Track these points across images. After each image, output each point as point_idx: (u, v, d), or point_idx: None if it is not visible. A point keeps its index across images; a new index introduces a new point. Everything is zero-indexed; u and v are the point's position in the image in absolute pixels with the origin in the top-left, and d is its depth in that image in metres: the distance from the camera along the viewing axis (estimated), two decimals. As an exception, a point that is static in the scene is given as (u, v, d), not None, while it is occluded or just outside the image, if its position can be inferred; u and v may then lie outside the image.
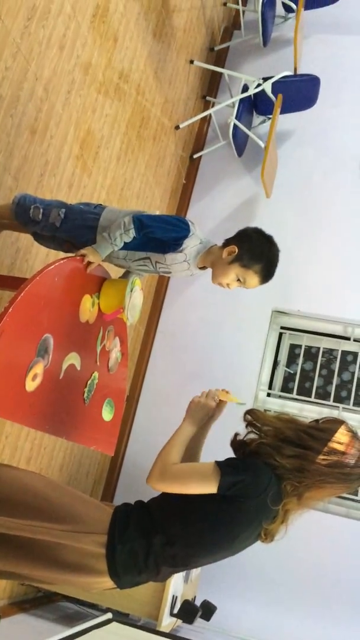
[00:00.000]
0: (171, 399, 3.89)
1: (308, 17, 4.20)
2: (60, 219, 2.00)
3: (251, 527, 1.57)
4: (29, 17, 2.28)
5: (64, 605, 3.17)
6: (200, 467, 1.58)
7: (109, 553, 1.53)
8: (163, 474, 1.57)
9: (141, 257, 2.01)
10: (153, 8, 3.42)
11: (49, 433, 1.80)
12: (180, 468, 1.59)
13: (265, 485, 1.53)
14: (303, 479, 1.56)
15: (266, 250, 1.96)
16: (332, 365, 3.96)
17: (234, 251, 1.94)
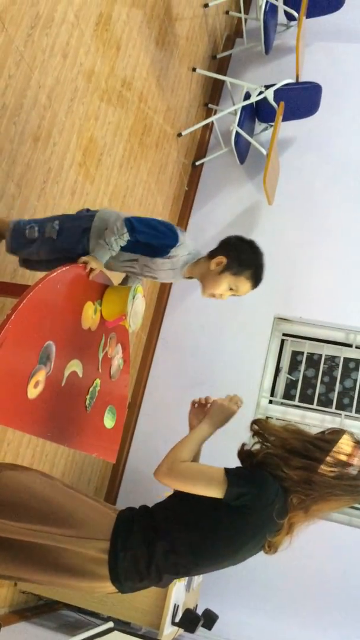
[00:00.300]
0: (173, 406, 3.88)
1: (310, 25, 4.22)
2: (55, 231, 2.00)
3: (255, 539, 1.57)
4: (33, 25, 2.29)
5: (65, 614, 3.15)
6: (209, 471, 1.57)
7: (111, 559, 1.52)
8: (171, 469, 1.57)
9: (129, 258, 2.01)
10: (156, 16, 3.44)
11: (50, 440, 1.80)
12: (189, 467, 1.59)
13: (272, 499, 1.52)
14: (310, 491, 1.54)
15: (252, 256, 2.00)
16: (334, 372, 3.95)
17: (223, 261, 1.96)
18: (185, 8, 3.84)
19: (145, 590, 1.66)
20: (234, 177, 4.26)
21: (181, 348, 3.99)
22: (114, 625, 2.79)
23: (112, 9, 2.91)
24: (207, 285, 2.01)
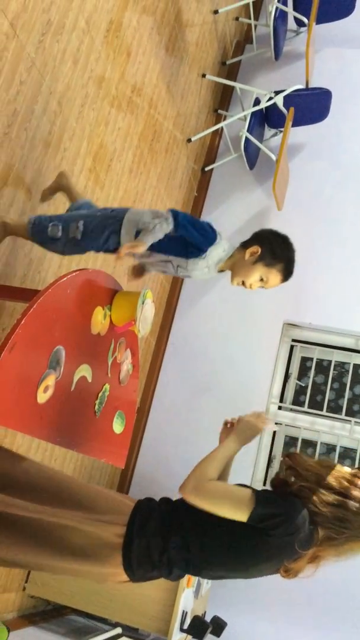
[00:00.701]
0: (182, 411, 3.88)
1: (320, 31, 4.22)
2: (80, 232, 2.00)
3: (270, 562, 1.54)
4: (44, 32, 2.31)
5: (74, 619, 3.14)
6: (237, 492, 1.54)
7: (125, 545, 1.54)
8: (197, 488, 1.54)
9: (163, 259, 2.02)
10: (166, 23, 3.45)
11: (59, 445, 1.80)
12: (216, 487, 1.55)
13: (297, 528, 1.49)
14: (343, 530, 1.51)
15: (285, 250, 2.03)
16: (344, 379, 3.93)
17: (257, 252, 1.99)
18: (195, 14, 3.86)
19: (154, 596, 1.66)
20: (244, 182, 4.27)
21: (190, 353, 3.99)
22: (122, 631, 2.79)
23: (123, 16, 2.92)
24: (238, 273, 2.03)
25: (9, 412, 1.50)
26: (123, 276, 2.65)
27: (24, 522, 1.55)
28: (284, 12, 4.21)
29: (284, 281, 2.05)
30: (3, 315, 2.35)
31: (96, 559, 1.54)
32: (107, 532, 1.55)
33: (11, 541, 1.56)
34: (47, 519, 1.55)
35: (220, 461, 1.61)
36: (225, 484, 1.58)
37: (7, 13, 2.08)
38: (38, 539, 1.54)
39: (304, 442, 3.84)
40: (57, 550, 1.54)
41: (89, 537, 1.54)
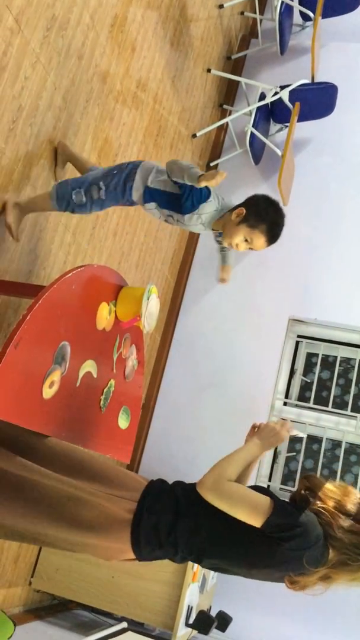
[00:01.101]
0: (187, 407, 3.89)
1: (325, 25, 4.20)
2: (103, 192, 2.17)
3: (274, 569, 1.53)
4: (49, 27, 2.30)
5: (79, 613, 3.16)
6: (255, 497, 1.52)
7: (135, 521, 1.54)
8: (216, 486, 1.52)
9: (166, 214, 2.21)
10: (171, 17, 3.44)
11: (65, 440, 1.80)
12: (235, 488, 1.53)
13: (309, 545, 1.47)
14: (359, 557, 1.48)
15: (271, 212, 2.11)
16: (349, 375, 3.92)
17: (242, 213, 2.09)
18: (200, 9, 3.84)
19: (159, 591, 1.66)
20: (249, 178, 4.25)
21: (195, 349, 3.99)
22: (128, 626, 2.80)
23: (127, 11, 2.91)
24: (226, 234, 2.15)
25: (14, 408, 1.51)
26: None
27: (39, 488, 1.56)
28: (290, 6, 4.18)
29: (269, 244, 2.13)
30: (8, 311, 2.35)
31: (105, 533, 1.54)
32: (118, 506, 1.56)
33: (20, 505, 1.56)
34: (60, 487, 1.56)
35: (240, 463, 1.60)
36: (245, 488, 1.55)
37: (12, 8, 2.07)
38: (51, 507, 1.55)
39: (310, 438, 3.84)
40: (67, 520, 1.54)
41: (100, 510, 1.55)
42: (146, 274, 3.70)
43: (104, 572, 2.85)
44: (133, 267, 3.50)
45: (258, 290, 4.01)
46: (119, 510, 1.56)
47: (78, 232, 2.79)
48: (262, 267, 4.03)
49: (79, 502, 1.55)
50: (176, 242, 4.09)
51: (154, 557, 1.60)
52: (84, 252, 2.88)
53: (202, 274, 4.17)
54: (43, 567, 2.91)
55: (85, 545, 1.59)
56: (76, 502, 1.55)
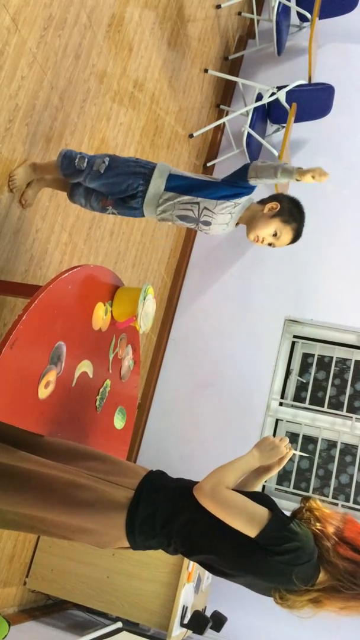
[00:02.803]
0: (183, 407, 3.89)
1: (322, 26, 4.20)
2: (104, 166, 2.14)
3: (260, 578, 1.52)
4: (46, 26, 2.30)
5: (74, 614, 3.16)
6: (253, 507, 1.50)
7: (131, 507, 1.54)
8: (214, 493, 1.51)
9: (190, 201, 2.13)
10: (168, 18, 3.44)
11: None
12: (233, 497, 1.52)
13: (300, 562, 1.45)
14: (354, 586, 1.45)
15: (300, 213, 2.18)
16: (345, 375, 3.93)
17: (276, 207, 2.12)
18: (197, 9, 3.84)
19: (154, 591, 1.66)
20: (246, 178, 4.25)
21: (191, 349, 3.99)
22: (123, 626, 2.80)
23: (125, 11, 2.91)
24: (255, 226, 2.15)
25: (10, 408, 1.51)
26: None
27: (35, 476, 1.57)
28: (287, 7, 4.19)
29: (293, 241, 2.18)
30: (4, 311, 2.35)
31: (102, 515, 1.54)
32: (117, 492, 1.57)
33: (19, 493, 1.56)
34: (61, 475, 1.57)
35: (239, 471, 1.60)
36: (243, 497, 1.53)
37: (9, 8, 2.07)
38: (52, 493, 1.55)
39: (305, 438, 3.84)
40: (64, 503, 1.55)
41: (98, 494, 1.56)
42: (142, 274, 3.70)
43: (99, 572, 2.85)
44: (129, 267, 3.50)
45: (254, 290, 4.01)
46: (118, 496, 1.56)
47: (74, 232, 2.79)
48: (259, 268, 4.04)
49: (79, 487, 1.56)
50: (172, 241, 4.09)
51: (147, 546, 1.60)
52: (80, 251, 2.88)
53: (199, 273, 4.17)
54: (38, 567, 2.91)
55: (82, 531, 1.58)
56: (76, 487, 1.56)
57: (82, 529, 1.58)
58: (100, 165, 2.14)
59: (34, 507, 1.57)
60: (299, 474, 3.78)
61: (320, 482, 3.78)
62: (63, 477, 1.57)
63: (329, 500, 3.63)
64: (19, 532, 2.75)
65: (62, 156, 2.19)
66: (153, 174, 2.13)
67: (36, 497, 1.56)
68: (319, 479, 3.78)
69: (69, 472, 1.59)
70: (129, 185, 2.12)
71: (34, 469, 1.58)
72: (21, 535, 2.81)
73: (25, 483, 1.56)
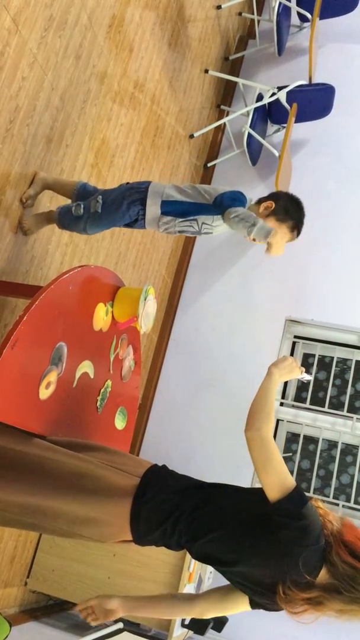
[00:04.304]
0: (184, 407, 3.89)
1: (323, 27, 4.20)
2: (100, 205, 2.18)
3: (263, 560, 1.49)
4: (46, 27, 2.30)
5: (75, 614, 3.16)
6: (287, 473, 1.50)
7: (138, 492, 1.54)
8: (262, 436, 1.50)
9: (189, 218, 2.19)
10: (168, 18, 3.44)
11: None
12: (277, 451, 1.50)
13: (306, 544, 1.44)
14: (352, 589, 1.44)
15: (298, 210, 2.18)
16: (346, 375, 3.93)
17: (271, 206, 2.13)
18: (197, 10, 3.84)
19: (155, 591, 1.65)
20: (246, 178, 4.26)
21: (192, 350, 3.99)
22: (124, 626, 2.80)
23: (125, 11, 2.91)
24: None
25: (11, 408, 1.51)
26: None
27: (41, 461, 1.57)
28: (287, 7, 4.19)
29: (291, 239, 2.19)
30: (5, 312, 2.35)
31: (107, 501, 1.54)
32: (124, 479, 1.57)
33: (22, 478, 1.56)
34: (67, 460, 1.57)
35: (273, 398, 1.61)
36: (281, 457, 1.53)
37: (10, 9, 2.07)
38: (53, 476, 1.55)
39: (306, 438, 3.84)
40: (69, 488, 1.54)
41: (104, 480, 1.56)
42: (143, 274, 3.70)
43: (100, 572, 2.85)
44: (130, 268, 3.50)
45: (255, 290, 4.02)
46: (123, 483, 1.56)
47: (75, 233, 2.79)
48: (259, 268, 4.04)
49: (85, 472, 1.56)
50: (173, 242, 4.09)
51: (150, 539, 1.58)
52: (81, 252, 2.88)
53: (199, 274, 4.17)
54: (39, 568, 2.91)
55: (84, 521, 1.56)
56: (82, 473, 1.56)
57: (85, 518, 1.56)
58: (95, 205, 2.19)
59: (39, 494, 1.55)
60: (300, 474, 3.78)
61: (321, 482, 3.78)
62: (70, 462, 1.58)
63: (329, 500, 3.63)
64: (20, 532, 2.75)
65: (58, 213, 2.26)
66: (147, 200, 2.16)
67: (42, 483, 1.55)
68: (319, 479, 3.78)
69: (76, 458, 1.59)
70: (129, 216, 2.20)
71: (40, 454, 1.58)
72: (22, 536, 2.81)
73: (31, 469, 1.56)
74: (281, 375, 1.68)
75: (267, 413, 1.55)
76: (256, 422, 1.52)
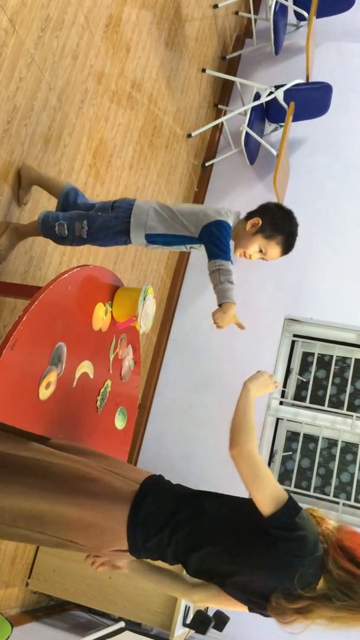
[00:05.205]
0: (183, 407, 3.89)
1: (320, 25, 4.21)
2: (85, 232, 2.10)
3: (261, 570, 1.47)
4: (43, 27, 2.30)
5: (77, 614, 3.16)
6: (277, 485, 1.48)
7: (137, 499, 1.53)
8: (248, 452, 1.49)
9: (176, 246, 2.16)
10: (165, 18, 3.44)
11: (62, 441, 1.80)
12: (264, 466, 1.49)
13: (303, 554, 1.42)
14: (346, 598, 1.40)
15: (287, 223, 2.09)
16: (345, 374, 3.93)
17: (258, 223, 2.06)
18: (194, 9, 3.84)
19: (156, 591, 1.65)
20: (244, 178, 4.26)
21: (191, 349, 3.99)
22: (125, 626, 2.80)
23: (122, 11, 2.91)
24: (239, 244, 2.10)
25: (11, 409, 1.51)
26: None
27: (41, 465, 1.57)
28: (284, 6, 4.19)
29: (283, 254, 2.12)
30: (4, 312, 2.35)
31: (105, 505, 1.53)
32: (123, 485, 1.57)
33: (21, 480, 1.56)
34: (67, 464, 1.57)
35: (253, 415, 1.60)
36: (270, 472, 1.52)
37: (6, 9, 2.07)
38: (51, 479, 1.55)
39: (306, 437, 3.84)
40: (67, 491, 1.54)
41: (104, 484, 1.56)
42: (142, 274, 3.70)
43: (101, 573, 2.84)
44: (129, 267, 3.50)
45: (254, 290, 4.01)
46: (122, 488, 1.56)
47: (73, 233, 2.79)
48: (258, 267, 4.03)
49: (84, 476, 1.56)
50: (172, 242, 4.09)
51: (146, 548, 1.55)
52: (79, 252, 2.88)
53: (198, 273, 4.17)
54: (40, 568, 2.91)
55: (81, 527, 1.54)
56: (82, 476, 1.56)
57: (82, 523, 1.54)
58: (80, 231, 2.10)
59: (33, 496, 1.54)
60: (300, 472, 3.78)
61: (321, 481, 3.78)
62: (69, 465, 1.57)
63: (329, 498, 3.63)
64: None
65: (40, 224, 2.15)
66: (130, 233, 2.08)
67: (37, 485, 1.55)
68: (319, 477, 3.78)
69: (76, 462, 1.59)
70: (116, 242, 2.15)
71: (39, 458, 1.58)
72: (23, 537, 2.81)
73: (26, 471, 1.56)
74: (257, 390, 1.68)
75: (249, 428, 1.53)
76: (239, 438, 1.52)
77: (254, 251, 2.09)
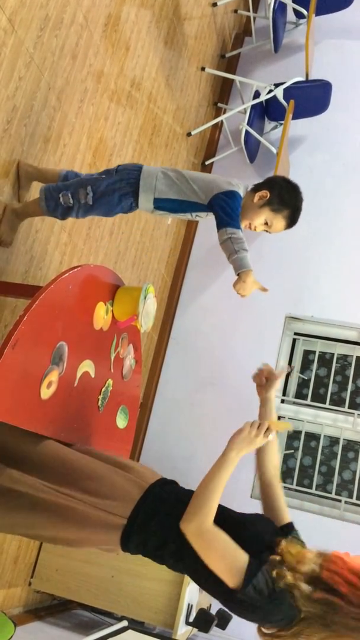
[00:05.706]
0: (185, 406, 3.89)
1: (319, 23, 4.20)
2: (90, 197, 2.11)
3: (237, 613, 1.48)
4: (42, 27, 2.30)
5: (79, 613, 3.16)
6: (235, 554, 1.42)
7: (124, 536, 1.55)
8: (200, 531, 1.45)
9: (182, 213, 2.16)
10: (164, 16, 3.44)
11: (63, 440, 1.80)
12: (218, 539, 1.44)
13: (274, 620, 1.40)
14: (325, 628, 1.35)
15: (294, 197, 2.11)
16: (346, 372, 3.93)
17: (266, 196, 2.07)
18: (193, 7, 3.84)
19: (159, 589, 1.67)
20: (244, 176, 4.23)
21: (192, 348, 3.99)
22: (128, 625, 2.80)
23: (121, 10, 2.91)
24: (245, 216, 2.10)
25: (12, 408, 1.51)
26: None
27: (30, 500, 1.56)
28: (283, 4, 4.19)
29: (287, 228, 2.14)
30: (5, 312, 2.35)
31: (109, 500, 1.56)
32: (130, 486, 1.59)
33: (7, 514, 1.57)
34: (53, 500, 1.57)
35: (221, 489, 1.50)
36: (228, 540, 1.44)
37: (5, 9, 2.07)
38: (42, 516, 1.56)
39: (307, 435, 3.84)
40: (55, 523, 1.56)
41: (109, 481, 1.58)
42: (142, 273, 3.70)
43: (104, 571, 2.86)
44: (129, 267, 3.50)
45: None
46: (130, 487, 1.58)
47: (74, 232, 2.79)
48: (259, 265, 4.00)
49: (70, 512, 1.55)
50: (172, 240, 4.09)
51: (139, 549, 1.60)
52: (80, 252, 2.88)
53: (199, 272, 4.17)
54: (43, 568, 2.91)
55: (73, 522, 1.57)
56: (67, 512, 1.55)
57: (73, 517, 1.57)
58: (86, 197, 2.11)
59: (24, 528, 1.59)
60: (302, 470, 3.78)
61: (323, 479, 3.78)
62: (53, 501, 1.55)
63: (331, 496, 3.64)
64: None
65: (44, 199, 2.15)
66: (139, 196, 2.11)
67: (26, 519, 1.56)
68: (321, 475, 3.78)
69: (60, 497, 1.56)
70: (121, 207, 2.15)
71: (24, 491, 1.56)
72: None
73: (16, 505, 1.56)
74: (240, 451, 1.54)
75: (211, 507, 1.46)
76: (198, 516, 1.45)
77: (260, 223, 2.11)
